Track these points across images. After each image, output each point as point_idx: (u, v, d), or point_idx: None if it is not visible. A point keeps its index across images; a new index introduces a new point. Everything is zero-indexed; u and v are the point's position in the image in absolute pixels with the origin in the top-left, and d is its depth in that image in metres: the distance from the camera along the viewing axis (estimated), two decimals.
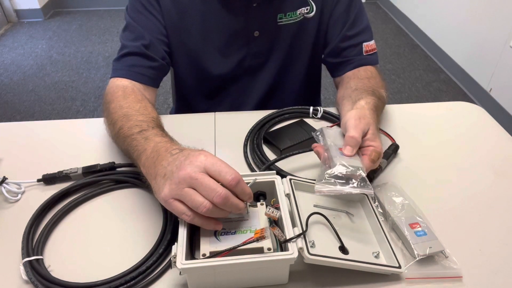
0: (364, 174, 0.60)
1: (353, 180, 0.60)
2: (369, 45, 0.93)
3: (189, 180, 0.51)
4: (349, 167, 0.60)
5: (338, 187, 0.59)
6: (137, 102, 0.75)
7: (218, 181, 0.52)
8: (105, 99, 0.80)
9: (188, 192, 0.51)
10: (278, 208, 0.56)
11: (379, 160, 0.65)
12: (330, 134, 0.68)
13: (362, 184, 0.60)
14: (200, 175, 0.51)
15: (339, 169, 0.60)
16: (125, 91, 0.79)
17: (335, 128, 0.71)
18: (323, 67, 1.05)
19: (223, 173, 0.52)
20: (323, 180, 0.59)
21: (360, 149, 0.65)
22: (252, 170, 0.75)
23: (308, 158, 0.77)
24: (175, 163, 0.54)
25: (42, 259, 0.58)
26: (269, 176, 0.61)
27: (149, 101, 0.81)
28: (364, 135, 0.65)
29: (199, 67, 0.95)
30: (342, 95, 0.85)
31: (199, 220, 0.53)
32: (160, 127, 0.69)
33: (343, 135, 0.67)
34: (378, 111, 0.76)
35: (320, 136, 0.68)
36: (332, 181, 0.60)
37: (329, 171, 0.60)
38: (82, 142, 0.83)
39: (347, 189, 0.59)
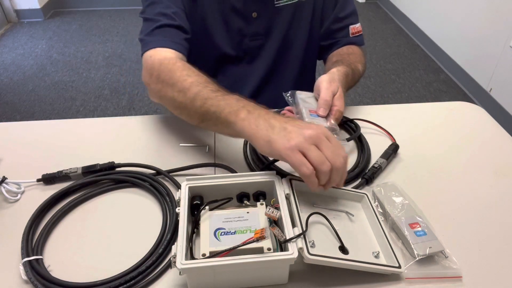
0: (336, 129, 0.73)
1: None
2: (355, 28, 0.99)
3: (316, 139, 0.56)
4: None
5: None
6: (199, 72, 0.74)
7: None
8: (159, 71, 0.76)
9: (314, 148, 0.56)
10: (278, 208, 0.56)
11: (341, 117, 0.76)
12: (302, 97, 0.78)
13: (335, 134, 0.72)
14: (325, 139, 0.57)
15: None
16: (181, 62, 0.77)
17: (305, 92, 0.81)
18: None
19: (340, 149, 0.58)
20: None
21: None
22: (252, 170, 0.75)
23: None
24: (294, 122, 0.59)
25: (41, 259, 0.58)
26: (269, 176, 0.61)
27: None
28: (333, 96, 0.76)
29: (198, 48, 0.94)
30: (325, 72, 0.88)
31: (314, 177, 0.56)
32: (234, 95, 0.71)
33: (313, 98, 0.79)
34: (348, 78, 0.85)
35: (291, 98, 0.79)
36: None
37: None
38: (82, 142, 0.83)
39: None
